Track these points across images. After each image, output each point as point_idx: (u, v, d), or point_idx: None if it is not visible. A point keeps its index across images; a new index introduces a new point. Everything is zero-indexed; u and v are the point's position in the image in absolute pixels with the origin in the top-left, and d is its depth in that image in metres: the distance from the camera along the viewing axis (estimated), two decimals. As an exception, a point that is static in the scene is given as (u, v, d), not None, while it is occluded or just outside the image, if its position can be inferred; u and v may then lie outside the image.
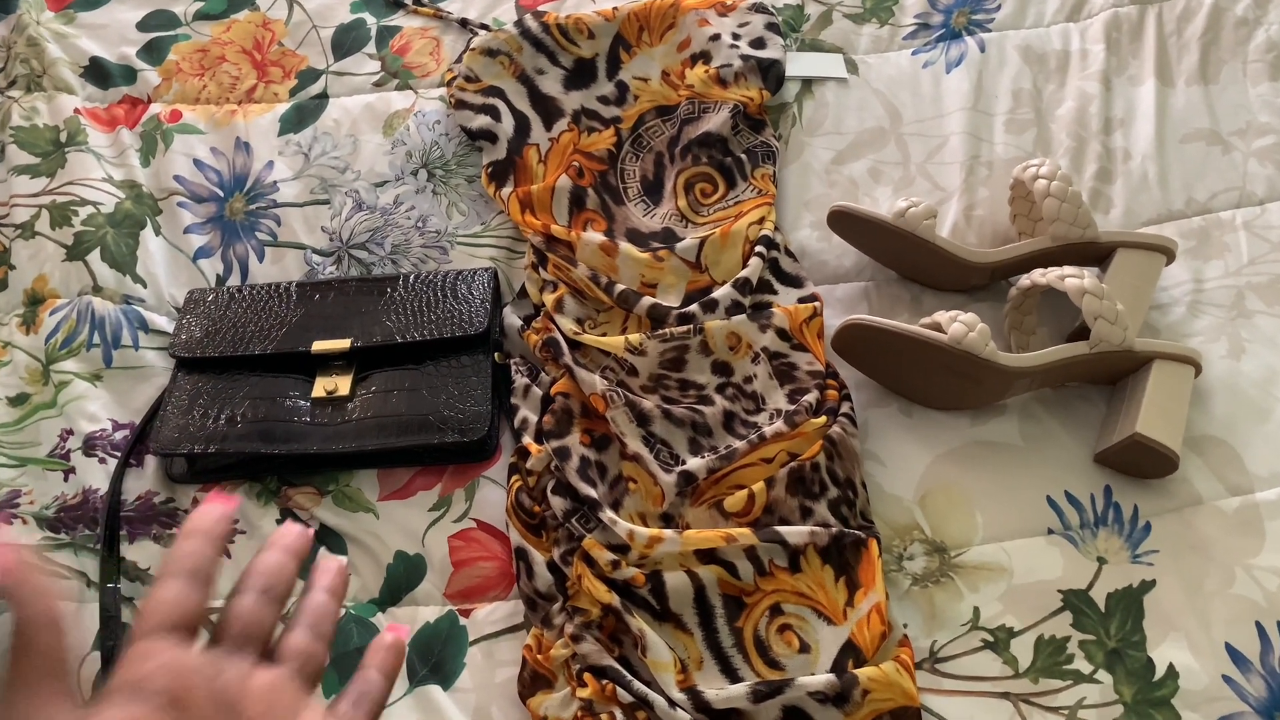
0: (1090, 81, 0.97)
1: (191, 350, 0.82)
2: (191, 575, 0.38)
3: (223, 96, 1.01)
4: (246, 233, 0.92)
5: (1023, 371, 0.75)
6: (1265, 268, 0.85)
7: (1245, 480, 0.75)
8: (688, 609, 0.71)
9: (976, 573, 0.72)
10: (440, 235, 0.91)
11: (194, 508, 0.77)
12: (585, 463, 0.75)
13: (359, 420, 0.78)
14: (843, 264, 0.88)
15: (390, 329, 0.81)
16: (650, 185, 0.93)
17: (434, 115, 0.98)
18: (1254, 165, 0.91)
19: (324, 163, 0.96)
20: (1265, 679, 0.67)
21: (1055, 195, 0.80)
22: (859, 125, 0.96)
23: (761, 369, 0.81)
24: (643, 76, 0.98)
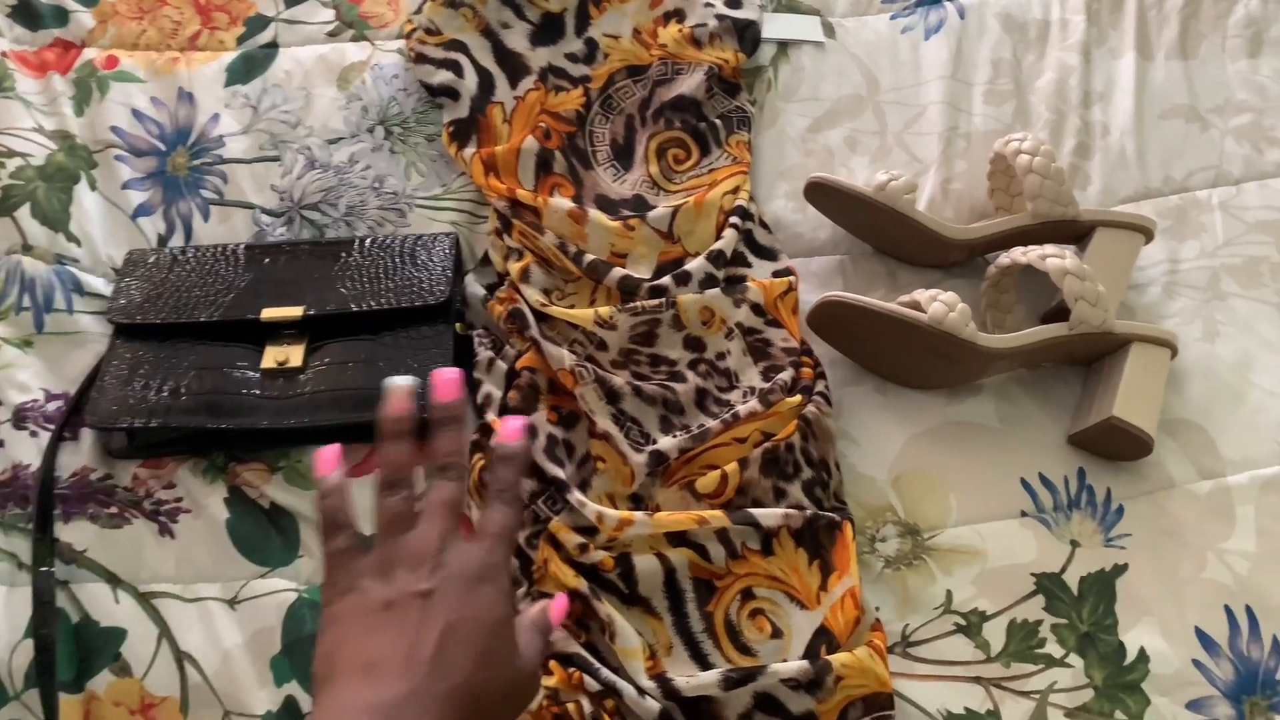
0: (1070, 53, 0.95)
1: (131, 316, 0.77)
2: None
3: (164, 43, 0.95)
4: (190, 190, 0.87)
5: (1002, 353, 0.73)
6: (1240, 249, 0.84)
7: (1217, 464, 0.74)
8: (657, 593, 0.69)
9: (950, 555, 0.71)
10: (398, 197, 0.86)
11: (134, 485, 0.73)
12: (553, 441, 0.72)
13: (312, 394, 0.74)
14: (818, 236, 0.86)
15: (345, 296, 0.77)
16: (620, 149, 0.89)
17: (392, 69, 0.92)
18: (1231, 144, 0.90)
19: (274, 117, 0.90)
20: (1233, 663, 0.67)
21: (1038, 172, 0.78)
22: (836, 92, 0.93)
23: (735, 345, 0.78)
24: (613, 34, 0.94)
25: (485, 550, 0.48)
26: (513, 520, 0.50)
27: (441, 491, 0.49)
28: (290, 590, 0.70)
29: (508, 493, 0.51)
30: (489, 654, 0.45)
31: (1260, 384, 0.78)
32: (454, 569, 0.47)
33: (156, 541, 0.72)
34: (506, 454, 0.51)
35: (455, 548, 0.48)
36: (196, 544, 0.72)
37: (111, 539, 0.71)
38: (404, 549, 0.47)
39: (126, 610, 0.69)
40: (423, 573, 0.46)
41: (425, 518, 0.48)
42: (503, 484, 0.51)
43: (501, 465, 0.51)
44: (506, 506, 0.50)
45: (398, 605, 0.45)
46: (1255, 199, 0.87)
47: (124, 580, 0.70)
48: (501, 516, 0.50)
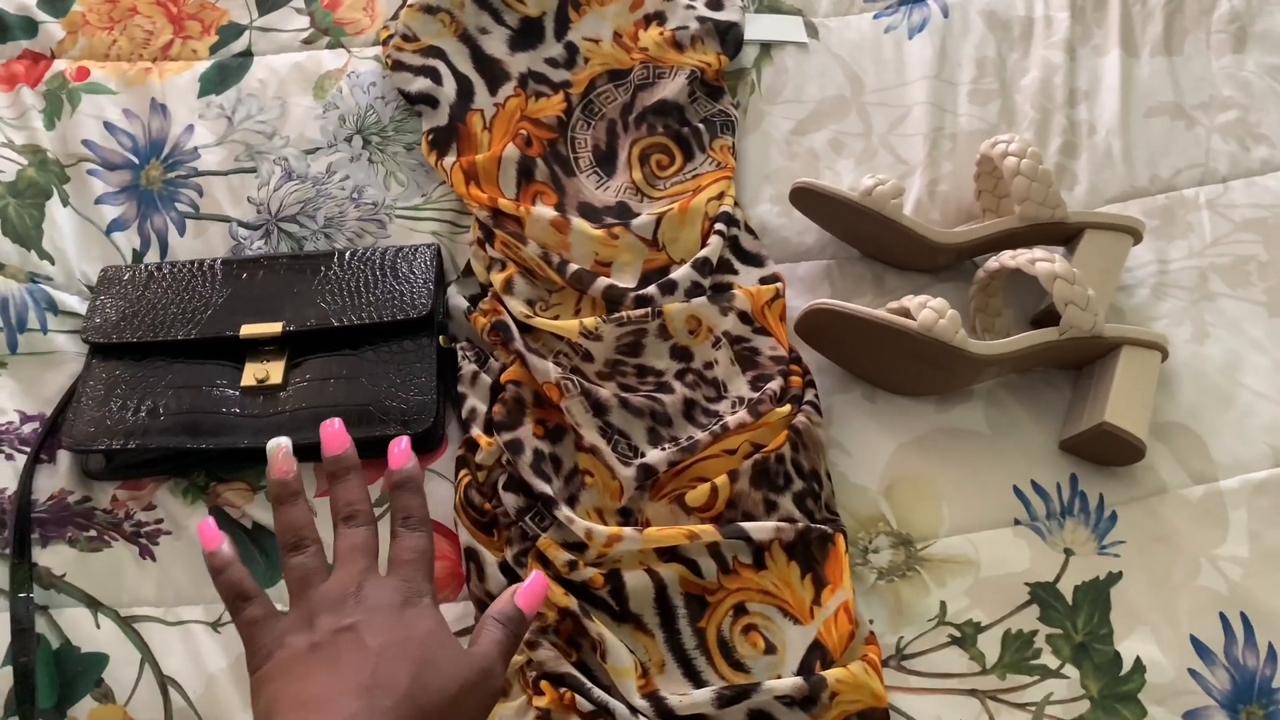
0: (1055, 51, 0.94)
1: (107, 335, 0.75)
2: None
3: (135, 53, 0.93)
4: (165, 203, 0.85)
5: (992, 359, 0.72)
6: (1228, 248, 0.84)
7: (1209, 468, 0.74)
8: (648, 609, 0.68)
9: (943, 566, 0.71)
10: (377, 207, 0.85)
11: (113, 507, 0.72)
12: (539, 456, 0.71)
13: (293, 411, 0.72)
14: (804, 241, 0.85)
15: (325, 311, 0.76)
16: (603, 155, 0.88)
17: (369, 76, 0.91)
18: (1217, 141, 0.90)
19: (249, 127, 0.89)
20: (1229, 671, 0.66)
21: (1025, 174, 0.78)
22: (820, 93, 0.92)
23: (723, 354, 0.77)
24: (593, 37, 0.93)
25: (401, 578, 0.50)
26: (422, 543, 0.51)
27: (350, 539, 0.51)
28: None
29: (413, 518, 0.52)
30: (425, 664, 0.46)
31: (1250, 385, 0.77)
32: (374, 601, 0.48)
33: (137, 564, 0.70)
34: (400, 480, 0.53)
35: (371, 583, 0.49)
36: (178, 566, 0.70)
37: (91, 562, 0.70)
38: (321, 597, 0.48)
39: (108, 635, 0.68)
40: (344, 611, 0.47)
41: (338, 565, 0.50)
42: (405, 510, 0.52)
43: (399, 492, 0.53)
44: (413, 531, 0.52)
45: (325, 645, 0.46)
46: (1242, 197, 0.87)
47: (104, 604, 0.69)
48: (411, 542, 0.51)
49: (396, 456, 0.53)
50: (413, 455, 0.53)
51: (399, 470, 0.53)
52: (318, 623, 0.47)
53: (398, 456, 0.53)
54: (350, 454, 0.53)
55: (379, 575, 0.50)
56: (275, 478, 0.52)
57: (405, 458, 0.53)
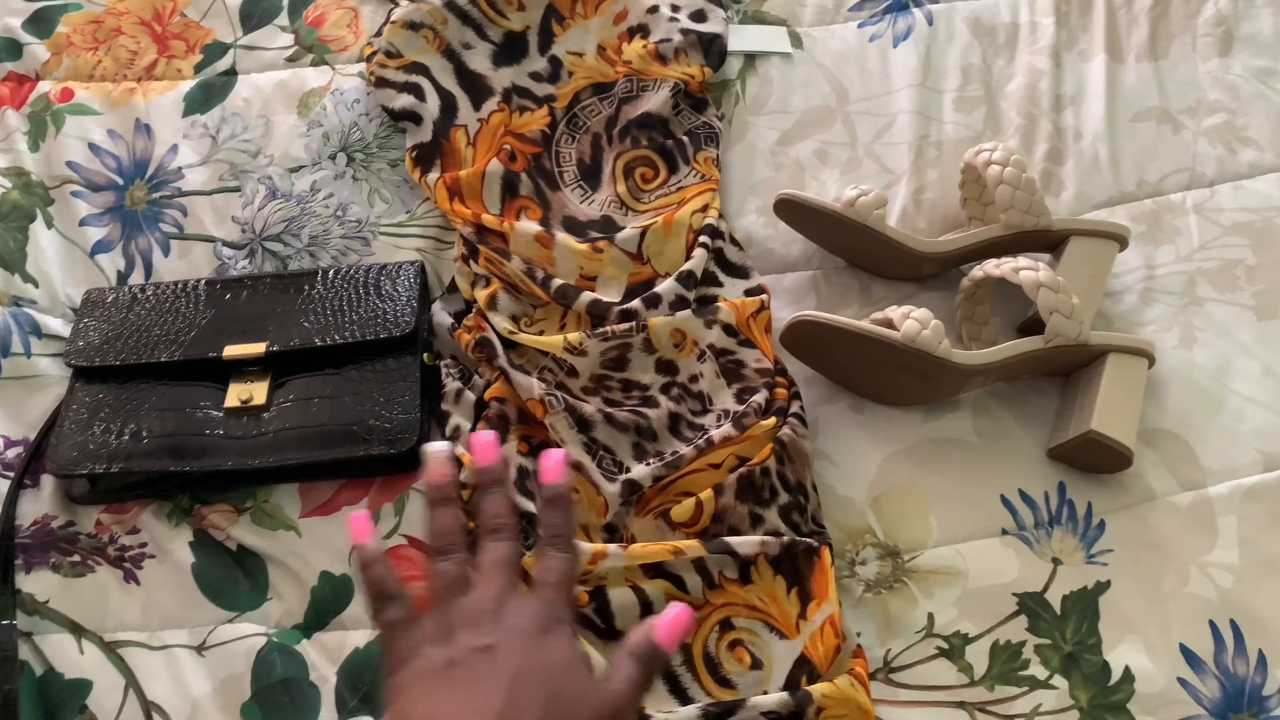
0: (1040, 56, 0.94)
1: (90, 358, 0.75)
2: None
3: (120, 73, 0.93)
4: (150, 224, 0.85)
5: (977, 369, 0.72)
6: (1215, 252, 0.84)
7: (1198, 475, 0.73)
8: (634, 626, 0.67)
9: (931, 577, 0.70)
10: (362, 225, 0.84)
11: (97, 531, 0.71)
12: (523, 474, 0.71)
13: (277, 432, 0.72)
14: (790, 252, 0.85)
15: (308, 331, 0.76)
16: (588, 169, 0.88)
17: (353, 94, 0.91)
18: (1204, 145, 0.89)
19: (233, 146, 0.89)
20: (1219, 679, 0.66)
21: (1009, 183, 0.77)
22: (805, 104, 0.92)
23: (708, 367, 0.77)
24: (577, 51, 0.93)
25: (544, 601, 0.47)
26: (569, 566, 0.49)
27: (494, 552, 0.49)
28: (259, 635, 0.68)
29: (561, 538, 0.49)
30: (559, 696, 0.44)
31: (1239, 390, 0.77)
32: (514, 623, 0.46)
33: (121, 589, 0.70)
34: (552, 495, 0.50)
35: (513, 603, 0.47)
36: (162, 590, 0.70)
37: (75, 588, 0.70)
38: (462, 610, 0.47)
39: (92, 661, 0.68)
40: (483, 629, 0.45)
41: (481, 579, 0.48)
42: (554, 529, 0.49)
43: (548, 508, 0.50)
44: (560, 552, 0.49)
45: (461, 663, 0.44)
46: (1229, 201, 0.86)
47: (88, 630, 0.69)
48: (557, 563, 0.49)
49: (549, 470, 0.50)
50: (567, 470, 0.51)
51: (551, 485, 0.50)
52: (456, 637, 0.45)
53: (551, 470, 0.50)
54: (499, 468, 0.51)
55: (521, 595, 0.47)
56: (433, 480, 0.50)
57: (558, 472, 0.50)
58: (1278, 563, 0.70)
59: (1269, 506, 0.72)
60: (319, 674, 0.67)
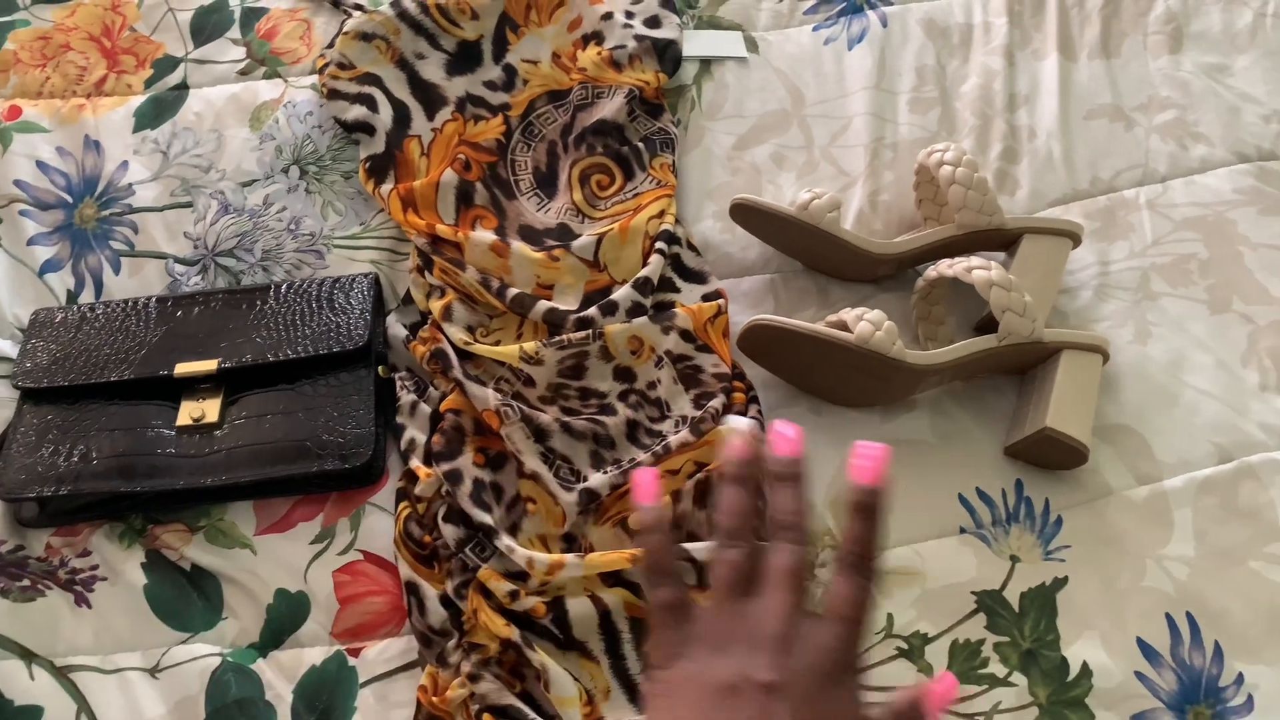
0: (994, 56, 0.95)
1: (38, 379, 0.74)
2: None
3: (69, 89, 0.92)
4: (100, 242, 0.84)
5: (931, 369, 0.72)
6: (1169, 247, 0.84)
7: (1154, 469, 0.74)
8: (593, 636, 0.67)
9: (890, 578, 0.70)
10: (315, 238, 0.84)
11: (48, 554, 0.70)
12: (479, 486, 0.70)
13: (230, 449, 0.71)
14: (748, 256, 0.85)
15: (261, 346, 0.75)
16: (544, 177, 0.87)
17: (306, 106, 0.90)
18: (1156, 141, 0.90)
19: (185, 161, 0.88)
20: (1175, 672, 0.66)
21: (960, 183, 0.78)
22: (761, 108, 0.92)
23: (665, 373, 0.77)
24: (532, 59, 0.92)
25: (836, 638, 0.41)
26: (867, 597, 0.42)
27: (784, 556, 0.43)
28: (214, 655, 0.67)
29: (865, 560, 0.42)
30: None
31: (1193, 384, 0.77)
32: (805, 662, 0.41)
33: (73, 612, 0.69)
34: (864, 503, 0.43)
35: (805, 631, 0.41)
36: (114, 612, 0.69)
37: (24, 613, 0.69)
38: (746, 621, 0.42)
39: (42, 686, 0.67)
40: (767, 658, 0.40)
41: (769, 586, 0.43)
42: (859, 545, 0.43)
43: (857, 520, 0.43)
44: (861, 578, 0.42)
45: (739, 694, 0.40)
46: (1182, 196, 0.87)
47: (39, 655, 0.68)
48: (857, 593, 0.42)
49: (867, 469, 0.43)
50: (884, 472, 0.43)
51: (867, 490, 0.43)
52: (734, 653, 0.41)
53: (868, 470, 0.43)
54: (800, 463, 0.45)
55: (811, 618, 0.42)
56: (732, 455, 0.45)
57: (877, 473, 0.43)
58: (1232, 554, 0.70)
59: (1223, 498, 0.72)
60: (275, 693, 0.66)
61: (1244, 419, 0.75)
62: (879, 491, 0.42)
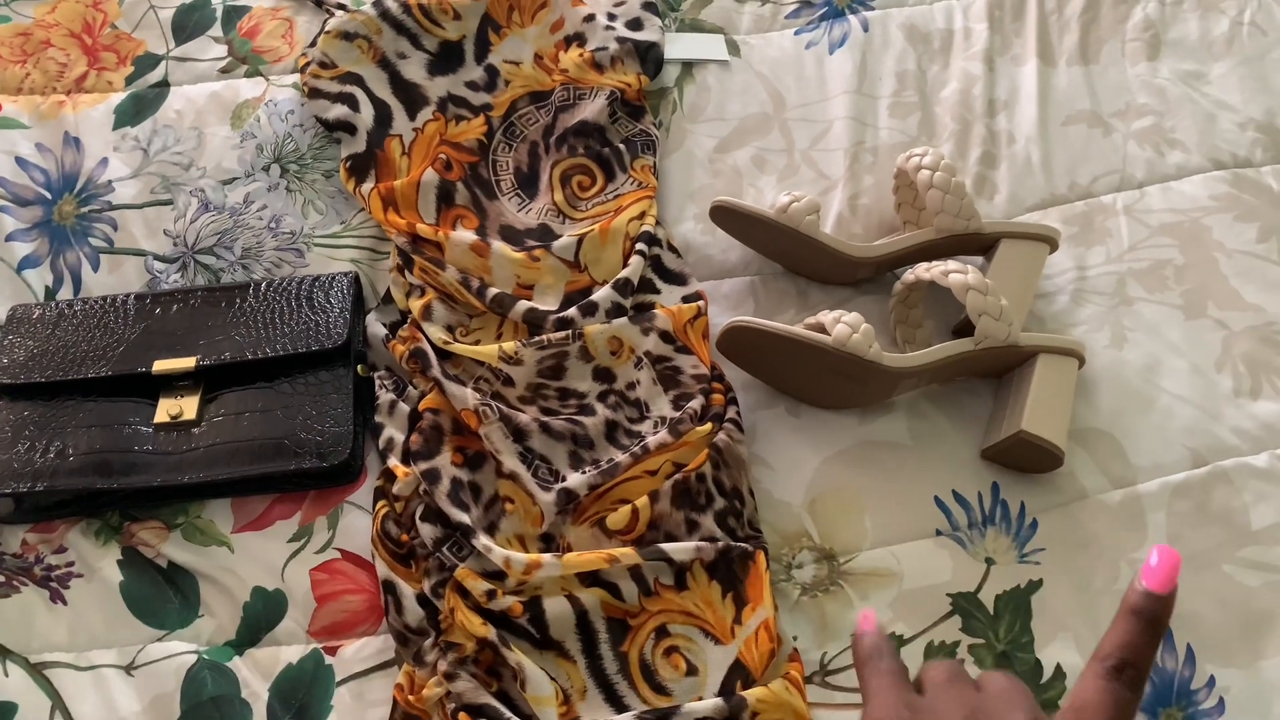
0: (974, 62, 0.95)
1: (15, 375, 0.74)
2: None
3: (49, 86, 0.92)
4: (79, 239, 0.84)
5: (908, 371, 0.73)
6: (1145, 253, 0.85)
7: (1128, 472, 0.74)
8: (570, 635, 0.67)
9: (866, 579, 0.71)
10: (295, 236, 0.84)
11: (23, 551, 0.70)
12: (457, 485, 0.70)
13: (207, 447, 0.71)
14: (728, 258, 0.85)
15: (240, 344, 0.75)
16: (525, 177, 0.88)
17: (287, 105, 0.90)
18: (1133, 147, 0.91)
19: (165, 159, 0.87)
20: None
21: (938, 187, 0.78)
22: (742, 111, 0.93)
23: (645, 374, 0.77)
24: (514, 60, 0.92)
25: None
26: (1133, 710, 0.37)
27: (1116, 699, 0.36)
28: (190, 653, 0.67)
29: (1136, 669, 0.37)
30: None
31: (1168, 388, 0.78)
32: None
33: (48, 609, 0.69)
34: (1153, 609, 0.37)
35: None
36: (90, 609, 0.69)
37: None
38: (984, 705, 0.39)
39: (17, 683, 0.66)
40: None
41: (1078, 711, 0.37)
42: (1134, 650, 0.37)
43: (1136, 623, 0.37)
44: (1127, 690, 0.37)
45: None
46: (1158, 202, 0.88)
47: (13, 652, 0.67)
48: (1120, 702, 0.36)
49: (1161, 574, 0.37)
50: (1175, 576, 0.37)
51: (1157, 594, 0.37)
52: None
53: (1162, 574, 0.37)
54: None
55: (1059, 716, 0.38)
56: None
57: (1170, 579, 0.37)
58: (1205, 558, 0.71)
59: (1197, 502, 0.73)
60: (250, 691, 0.66)
61: (1218, 424, 0.76)
62: (1167, 600, 0.37)
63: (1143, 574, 0.37)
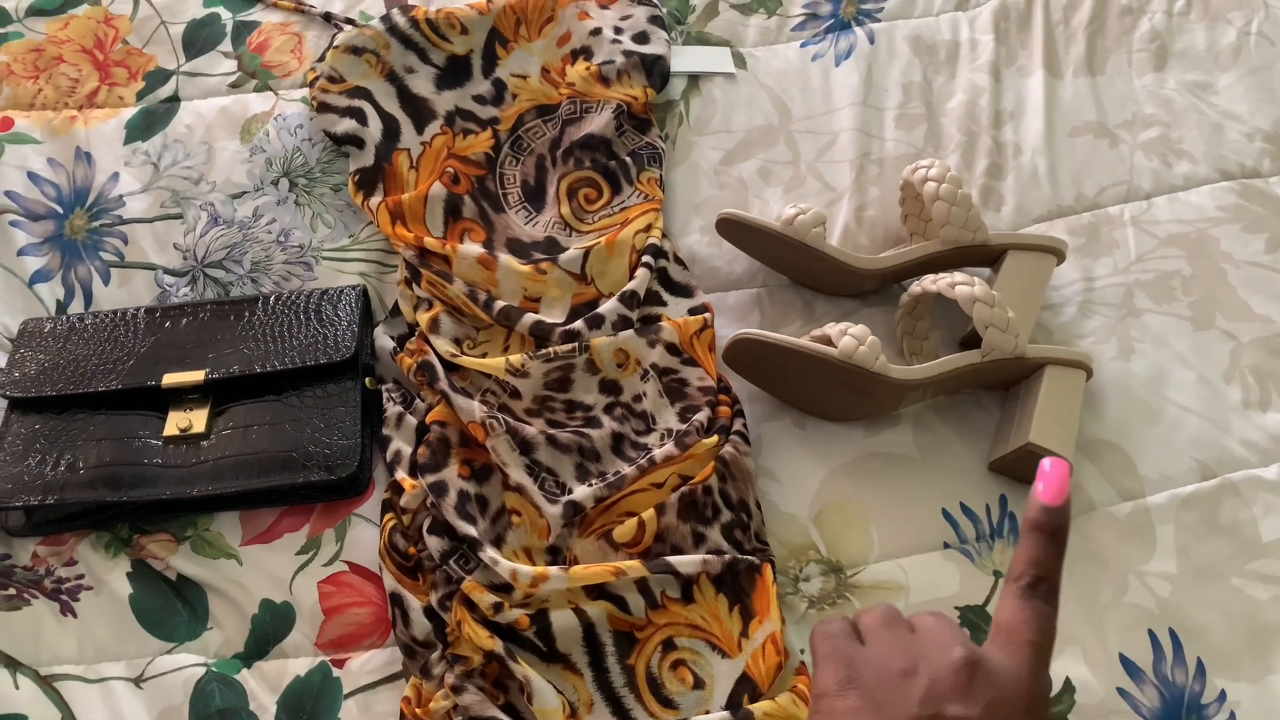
0: (980, 73, 0.96)
1: (26, 389, 0.74)
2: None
3: (61, 101, 0.93)
4: (90, 253, 0.84)
5: (914, 384, 0.73)
6: (1153, 264, 0.85)
7: (1137, 485, 0.74)
8: (576, 648, 0.67)
9: (873, 592, 0.70)
10: (304, 250, 0.84)
11: (34, 563, 0.70)
12: (464, 498, 0.71)
13: (216, 460, 0.72)
14: (734, 270, 0.85)
15: (248, 357, 0.75)
16: (532, 190, 0.88)
17: (296, 119, 0.91)
18: (1140, 158, 0.91)
19: (175, 173, 0.88)
20: (1158, 688, 0.66)
21: (944, 199, 0.78)
22: (748, 123, 0.93)
23: (651, 386, 0.77)
24: (521, 74, 0.93)
25: (1028, 669, 0.39)
26: (1053, 621, 0.40)
27: (1033, 614, 0.39)
28: (198, 665, 0.68)
29: (1050, 584, 0.39)
30: None
31: (1176, 400, 0.78)
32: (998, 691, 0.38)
33: (57, 621, 0.69)
34: (1053, 521, 0.40)
35: (988, 657, 0.39)
36: (99, 622, 0.69)
37: (9, 621, 0.69)
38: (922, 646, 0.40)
39: (26, 695, 0.67)
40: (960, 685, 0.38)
41: (1003, 639, 0.40)
42: (1046, 569, 0.39)
43: (1041, 540, 0.40)
44: (1047, 605, 0.39)
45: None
46: (1165, 213, 0.87)
47: (23, 664, 0.68)
48: (1040, 617, 0.39)
49: (1051, 488, 0.40)
50: (1069, 489, 0.40)
51: (1054, 509, 0.40)
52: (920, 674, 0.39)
53: (1053, 487, 0.40)
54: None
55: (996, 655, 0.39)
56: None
57: (1062, 491, 0.40)
58: (1214, 571, 0.70)
59: (1205, 514, 0.73)
60: (258, 703, 0.66)
61: (1226, 435, 0.76)
62: (1062, 510, 0.40)
63: (1037, 490, 0.40)
